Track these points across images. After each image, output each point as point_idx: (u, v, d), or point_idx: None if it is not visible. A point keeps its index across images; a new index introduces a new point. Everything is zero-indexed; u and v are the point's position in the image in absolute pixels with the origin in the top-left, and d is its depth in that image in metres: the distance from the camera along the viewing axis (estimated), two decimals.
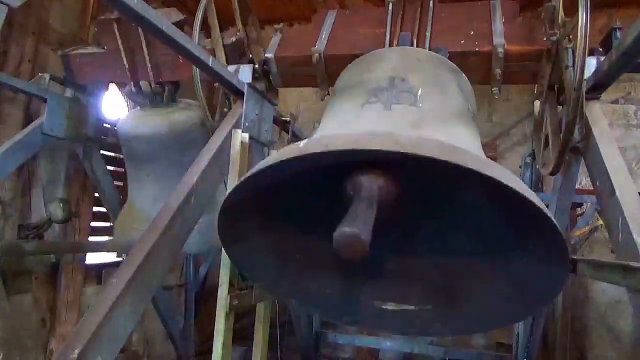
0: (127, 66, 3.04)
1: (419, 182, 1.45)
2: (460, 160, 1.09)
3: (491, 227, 1.58)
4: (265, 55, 2.56)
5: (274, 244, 1.80)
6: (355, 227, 1.15)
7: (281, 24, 2.59)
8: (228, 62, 2.55)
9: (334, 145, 1.16)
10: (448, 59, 2.22)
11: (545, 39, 2.19)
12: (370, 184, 1.34)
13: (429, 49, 2.26)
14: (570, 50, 1.96)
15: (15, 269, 3.42)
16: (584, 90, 1.88)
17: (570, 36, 1.96)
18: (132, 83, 3.09)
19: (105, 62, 3.20)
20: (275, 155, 1.31)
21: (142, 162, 3.30)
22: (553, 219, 1.18)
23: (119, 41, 2.99)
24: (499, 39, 2.25)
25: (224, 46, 2.57)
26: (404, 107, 1.65)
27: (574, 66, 1.86)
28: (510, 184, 1.10)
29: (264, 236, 1.76)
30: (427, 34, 2.32)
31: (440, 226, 1.74)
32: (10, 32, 3.34)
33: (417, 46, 2.30)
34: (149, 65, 3.00)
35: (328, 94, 2.54)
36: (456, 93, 1.88)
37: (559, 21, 2.07)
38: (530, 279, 1.54)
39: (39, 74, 3.21)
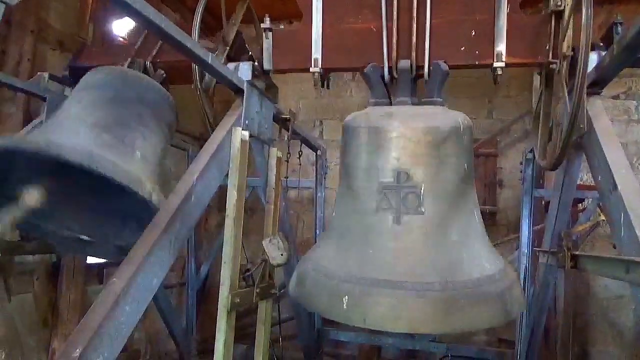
0: (136, 48, 3.08)
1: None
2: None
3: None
4: (264, 67, 2.56)
5: None
6: None
7: (268, 23, 2.54)
8: (227, 60, 2.55)
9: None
10: (447, 72, 2.30)
11: (547, 50, 2.20)
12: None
13: (429, 65, 2.31)
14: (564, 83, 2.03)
15: (17, 268, 3.42)
16: (585, 85, 1.88)
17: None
18: (127, 62, 3.07)
19: (114, 51, 3.23)
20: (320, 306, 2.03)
21: None
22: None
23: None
24: (499, 48, 2.26)
25: (224, 44, 2.57)
26: (410, 218, 2.05)
27: (576, 64, 1.86)
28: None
29: None
30: (425, 45, 2.31)
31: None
32: (9, 31, 3.33)
33: (416, 59, 2.32)
34: (155, 48, 3.05)
35: (327, 85, 2.58)
36: (454, 164, 2.13)
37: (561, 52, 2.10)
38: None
39: (39, 73, 3.20)
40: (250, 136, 2.30)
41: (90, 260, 4.13)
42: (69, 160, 1.89)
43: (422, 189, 2.04)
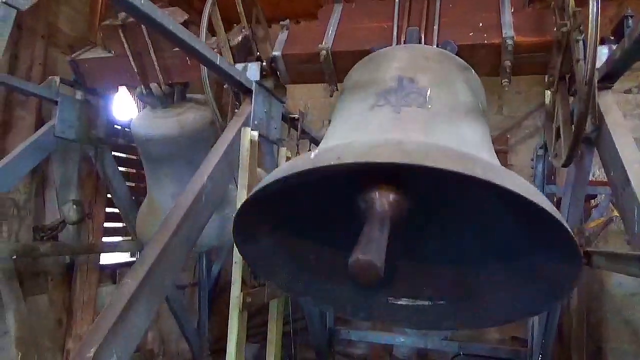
0: (135, 70, 3.06)
1: (430, 188, 1.46)
2: (469, 169, 1.10)
3: (502, 228, 1.59)
4: (273, 53, 2.55)
5: (288, 246, 1.82)
6: (369, 255, 1.18)
7: (287, 20, 2.58)
8: (236, 61, 2.55)
9: (345, 157, 1.17)
10: (457, 52, 2.21)
11: (555, 29, 2.16)
12: (381, 201, 1.36)
13: (437, 44, 2.25)
14: (581, 42, 1.93)
15: (31, 270, 3.47)
16: (596, 80, 1.86)
17: (581, 27, 1.93)
18: (142, 86, 3.11)
19: (114, 66, 3.23)
20: (287, 166, 1.34)
21: (158, 161, 3.35)
22: (565, 223, 1.20)
23: (126, 46, 3.01)
24: (508, 30, 2.23)
25: (231, 45, 2.58)
26: (413, 109, 1.65)
27: (585, 57, 1.83)
28: (520, 192, 1.11)
29: (278, 238, 1.78)
30: (434, 27, 2.31)
31: (451, 226, 1.75)
32: (21, 36, 3.37)
33: (425, 41, 2.29)
34: (157, 68, 3.02)
35: (337, 90, 2.54)
36: (465, 91, 1.87)
37: (570, 11, 2.04)
38: (542, 276, 1.54)
39: (50, 77, 3.25)
40: (260, 136, 2.31)
41: (103, 261, 4.17)
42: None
43: (429, 91, 1.71)
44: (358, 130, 1.69)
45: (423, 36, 2.30)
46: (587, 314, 4.73)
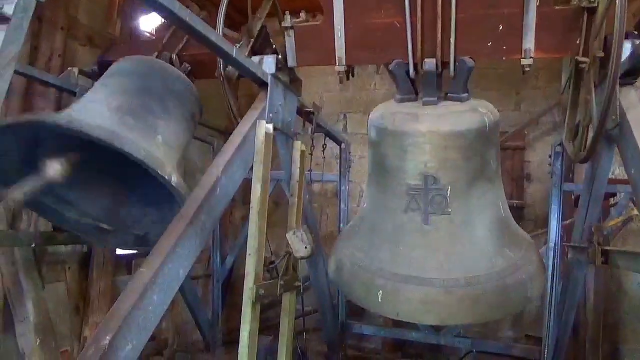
0: (163, 42, 3.13)
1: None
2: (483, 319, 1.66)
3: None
4: (288, 64, 2.57)
5: None
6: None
7: (290, 21, 2.53)
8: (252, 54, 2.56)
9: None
10: (472, 67, 2.27)
11: (577, 45, 2.13)
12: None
13: (455, 61, 2.27)
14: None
15: (50, 258, 3.54)
16: (618, 75, 1.82)
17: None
18: (155, 55, 3.12)
19: (142, 48, 3.26)
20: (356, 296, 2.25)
21: None
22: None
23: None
24: (527, 44, 2.19)
25: (248, 37, 2.58)
26: (438, 218, 2.22)
27: (611, 54, 1.79)
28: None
29: None
30: (451, 40, 2.25)
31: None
32: (40, 28, 3.42)
33: (442, 55, 2.28)
34: (182, 43, 3.07)
35: (352, 77, 2.57)
36: (480, 166, 2.24)
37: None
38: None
39: (69, 68, 3.29)
40: (275, 129, 2.31)
41: (120, 251, 4.23)
42: (90, 135, 1.87)
43: (449, 190, 2.19)
44: (397, 241, 2.35)
45: (439, 56, 2.28)
46: (604, 314, 4.66)
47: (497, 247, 2.24)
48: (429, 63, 2.28)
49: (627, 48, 2.00)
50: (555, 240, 3.73)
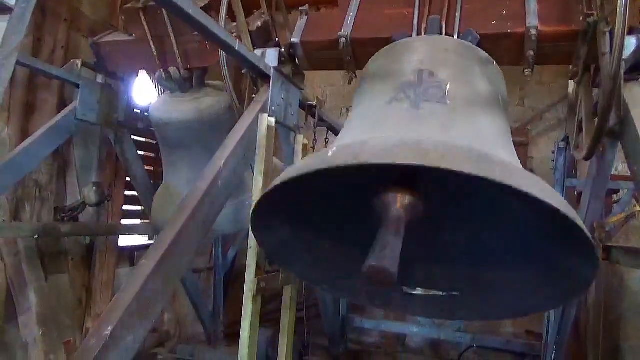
0: (155, 54, 3.08)
1: (447, 186, 1.48)
2: (486, 172, 1.10)
3: (519, 225, 1.58)
4: (292, 39, 2.54)
5: (304, 237, 1.84)
6: (383, 261, 1.18)
7: (306, 6, 2.56)
8: (254, 47, 2.55)
9: (362, 156, 1.17)
10: (479, 41, 2.17)
11: (581, 18, 2.10)
12: (397, 205, 1.34)
13: (459, 33, 2.21)
14: (607, 35, 1.88)
15: (52, 250, 3.56)
16: (622, 71, 1.81)
17: (609, 18, 1.87)
18: (161, 70, 3.13)
19: (135, 50, 3.26)
20: (304, 164, 1.36)
21: (175, 146, 3.38)
22: (582, 225, 1.19)
23: (147, 29, 3.03)
24: (532, 19, 2.17)
25: (250, 30, 2.57)
26: (432, 105, 1.65)
27: (611, 49, 1.78)
28: (536, 194, 1.10)
29: (295, 229, 1.79)
30: (456, 14, 2.25)
31: (468, 220, 1.74)
32: (44, 20, 3.42)
33: (447, 30, 2.24)
34: (177, 52, 3.04)
35: (355, 77, 2.52)
36: (485, 85, 1.84)
37: (597, 1, 1.98)
38: (557, 275, 1.53)
39: (72, 60, 3.29)
40: (277, 122, 2.31)
41: (122, 243, 4.25)
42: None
43: (448, 85, 1.71)
44: (376, 126, 1.68)
45: (444, 25, 2.26)
46: (605, 310, 4.66)
47: (508, 154, 1.66)
48: (432, 19, 2.25)
49: (632, 43, 1.99)
50: None
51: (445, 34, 2.23)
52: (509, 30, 2.23)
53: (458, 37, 2.20)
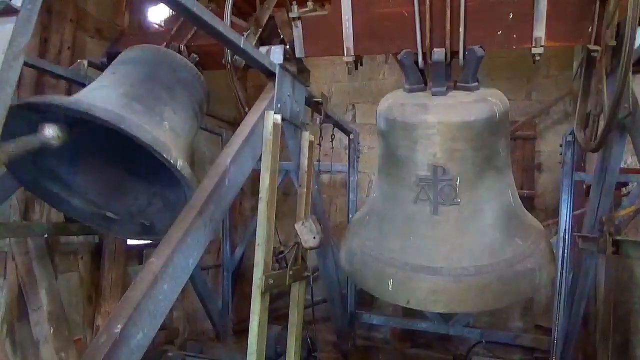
0: (172, 34, 3.13)
1: None
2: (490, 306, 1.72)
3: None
4: (296, 55, 2.56)
5: None
6: None
7: (297, 12, 2.52)
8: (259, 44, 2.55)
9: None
10: (482, 56, 2.23)
11: (589, 33, 2.09)
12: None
13: (464, 50, 2.24)
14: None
15: (62, 249, 3.59)
16: (631, 63, 1.79)
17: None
18: (163, 45, 3.12)
19: (150, 39, 3.28)
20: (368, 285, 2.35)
21: None
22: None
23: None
24: (538, 33, 2.15)
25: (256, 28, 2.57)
26: (447, 209, 2.22)
27: (624, 40, 1.76)
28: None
29: None
30: (460, 30, 2.22)
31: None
32: (50, 21, 3.44)
33: (451, 45, 2.26)
34: (189, 34, 3.07)
35: (360, 66, 2.56)
36: (491, 156, 2.24)
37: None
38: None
39: (78, 60, 3.30)
40: (283, 120, 2.31)
41: (131, 242, 4.28)
42: (96, 117, 1.91)
43: (458, 181, 2.20)
44: (407, 232, 2.39)
45: (448, 45, 2.25)
46: (615, 304, 4.62)
47: (506, 236, 2.26)
48: (438, 53, 2.26)
49: None
50: (566, 230, 3.70)
51: (451, 52, 2.28)
52: (514, 46, 2.26)
53: (464, 53, 2.24)
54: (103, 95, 2.33)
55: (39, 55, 3.27)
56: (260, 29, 2.61)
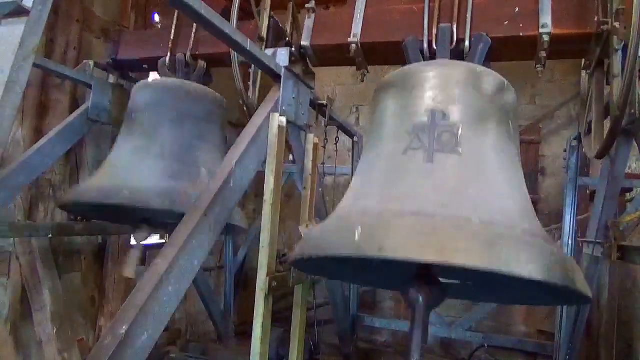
0: (171, 38, 3.14)
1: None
2: (497, 265, 1.32)
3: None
4: (302, 42, 2.55)
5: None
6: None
7: (312, 2, 2.56)
8: (266, 46, 2.56)
9: (385, 250, 1.39)
10: (489, 45, 2.17)
11: (595, 19, 2.07)
12: (420, 297, 1.66)
13: (470, 37, 2.21)
14: (619, 53, 1.89)
15: (66, 248, 3.59)
16: (636, 69, 1.79)
17: (624, 25, 1.86)
18: (168, 55, 3.12)
19: (152, 38, 3.34)
20: (326, 243, 1.62)
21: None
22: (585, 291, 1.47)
23: (175, 15, 3.12)
24: (545, 19, 2.14)
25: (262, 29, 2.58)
26: (444, 156, 1.70)
27: (626, 49, 1.76)
28: (542, 278, 1.33)
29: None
30: (467, 16, 2.23)
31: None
32: (56, 21, 3.45)
33: (457, 32, 2.23)
34: (192, 37, 3.08)
35: (367, 72, 2.55)
36: (498, 119, 1.85)
37: (612, 7, 1.96)
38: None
39: (84, 60, 3.32)
40: (287, 122, 2.31)
41: (133, 242, 4.27)
42: (156, 209, 2.33)
43: (459, 130, 1.73)
44: (393, 181, 1.76)
45: (455, 29, 2.24)
46: (618, 310, 4.61)
47: (520, 208, 1.78)
48: (444, 27, 2.24)
49: None
50: (570, 235, 3.70)
51: (457, 39, 2.23)
52: (521, 33, 2.22)
53: (469, 42, 2.20)
54: (143, 169, 2.51)
55: (44, 55, 3.28)
56: (265, 32, 2.61)
